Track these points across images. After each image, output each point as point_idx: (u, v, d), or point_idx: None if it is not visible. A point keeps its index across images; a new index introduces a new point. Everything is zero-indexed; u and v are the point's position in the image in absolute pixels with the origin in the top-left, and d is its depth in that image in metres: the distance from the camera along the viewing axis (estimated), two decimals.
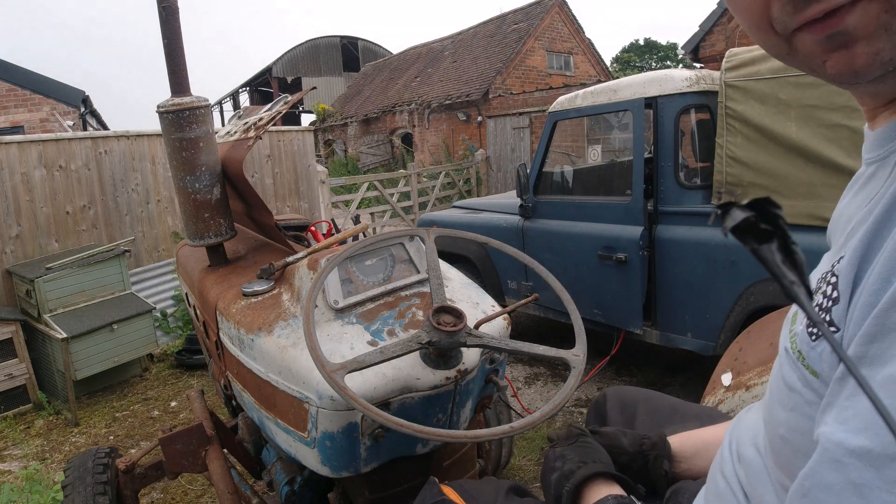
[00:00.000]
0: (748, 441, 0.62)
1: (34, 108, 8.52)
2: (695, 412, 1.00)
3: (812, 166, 2.38)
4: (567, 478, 0.78)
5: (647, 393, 1.10)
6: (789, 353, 0.52)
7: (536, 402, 3.40)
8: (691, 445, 0.86)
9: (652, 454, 0.84)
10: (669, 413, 1.00)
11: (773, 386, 0.55)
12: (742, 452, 0.62)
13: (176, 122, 1.66)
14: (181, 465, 1.77)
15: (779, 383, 0.53)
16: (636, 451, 0.85)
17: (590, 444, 0.84)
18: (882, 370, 0.38)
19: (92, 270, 3.89)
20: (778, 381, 0.53)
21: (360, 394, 1.12)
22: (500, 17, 16.60)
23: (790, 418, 0.50)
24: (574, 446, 0.83)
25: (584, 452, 0.82)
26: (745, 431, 0.64)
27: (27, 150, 4.12)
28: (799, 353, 0.50)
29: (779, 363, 0.54)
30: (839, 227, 0.56)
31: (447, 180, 10.89)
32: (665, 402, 1.05)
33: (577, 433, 0.86)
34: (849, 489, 0.38)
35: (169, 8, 1.60)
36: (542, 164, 3.58)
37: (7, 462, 3.09)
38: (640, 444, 0.85)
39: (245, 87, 28.42)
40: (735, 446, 0.65)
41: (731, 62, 2.60)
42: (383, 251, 1.50)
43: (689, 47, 8.08)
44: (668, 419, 0.97)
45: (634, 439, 0.86)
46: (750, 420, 0.66)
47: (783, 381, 0.52)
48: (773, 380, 0.56)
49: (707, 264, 2.76)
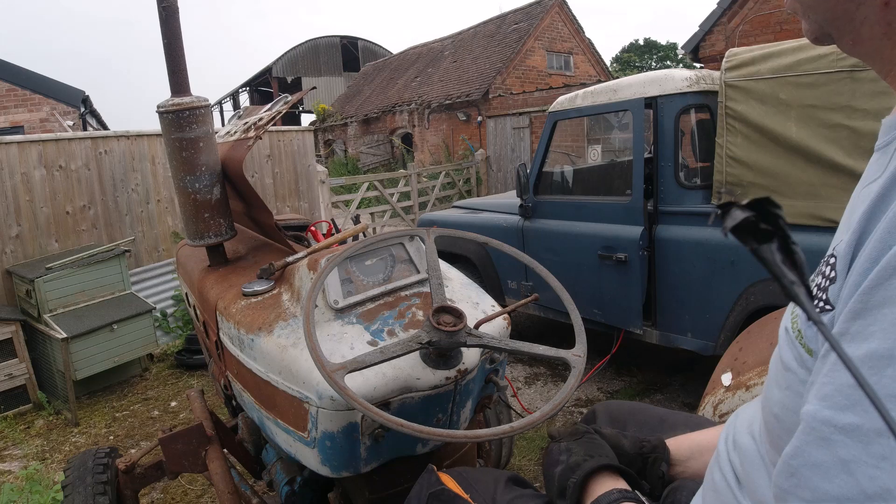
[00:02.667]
0: (744, 430, 0.63)
1: (34, 108, 8.52)
2: (683, 420, 1.01)
3: (812, 166, 2.38)
4: (573, 470, 0.78)
5: (635, 405, 1.10)
6: (789, 333, 0.52)
7: (536, 402, 3.40)
8: (687, 448, 0.86)
9: (651, 457, 0.85)
10: (658, 423, 1.01)
11: (771, 368, 0.56)
12: (738, 440, 0.63)
13: (176, 122, 1.66)
14: (181, 465, 1.77)
15: (776, 364, 0.54)
16: (636, 454, 0.85)
17: (595, 439, 0.84)
18: (863, 346, 0.39)
19: (92, 270, 3.89)
20: (776, 362, 0.54)
21: (360, 394, 1.12)
22: (500, 17, 16.59)
23: (784, 397, 0.51)
24: (580, 441, 0.84)
25: (590, 447, 0.82)
26: (742, 422, 0.65)
27: (27, 150, 4.12)
28: (798, 332, 0.50)
29: (778, 345, 0.55)
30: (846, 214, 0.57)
31: (447, 180, 10.89)
32: (653, 413, 1.06)
33: (583, 430, 0.87)
34: (837, 466, 0.39)
35: (169, 8, 1.60)
36: (542, 164, 3.58)
37: (7, 462, 3.09)
38: (640, 446, 0.86)
39: (245, 87, 28.42)
40: (731, 437, 0.66)
41: (731, 62, 2.60)
42: (383, 251, 1.50)
43: (689, 47, 8.07)
44: (657, 429, 0.97)
45: (635, 442, 0.87)
46: (748, 411, 0.67)
47: (780, 361, 0.53)
48: (772, 362, 0.56)
49: (707, 264, 2.76)
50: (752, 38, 7.17)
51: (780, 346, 0.54)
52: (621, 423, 1.03)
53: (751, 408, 0.67)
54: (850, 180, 2.28)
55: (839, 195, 2.33)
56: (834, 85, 2.28)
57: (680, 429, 0.94)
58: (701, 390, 2.21)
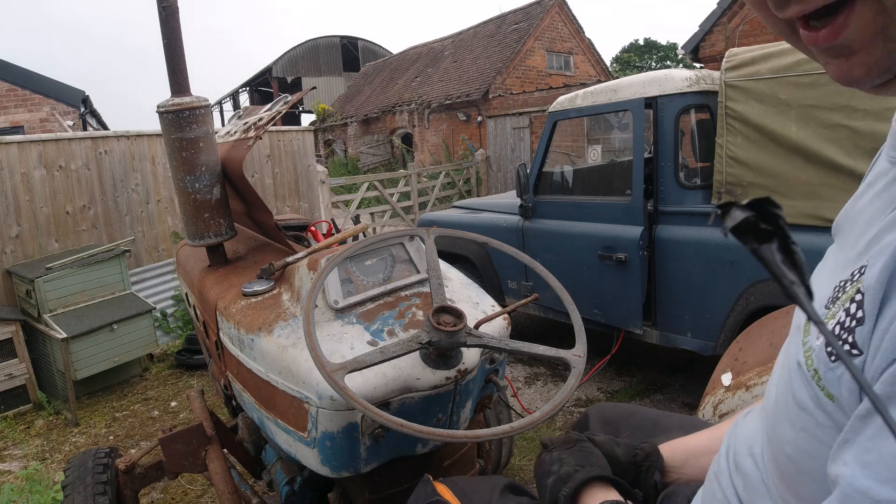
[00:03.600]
0: (744, 451, 0.61)
1: (34, 108, 8.52)
2: (677, 422, 1.00)
3: (812, 166, 2.38)
4: (564, 481, 0.77)
5: (628, 408, 1.09)
6: (803, 369, 0.48)
7: (536, 402, 3.40)
8: (681, 454, 0.85)
9: (645, 465, 0.84)
10: (652, 426, 1.00)
11: (780, 400, 0.52)
12: (739, 462, 0.61)
13: (176, 122, 1.66)
14: (181, 465, 1.77)
15: (787, 399, 0.50)
16: (629, 462, 0.84)
17: (587, 448, 0.83)
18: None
19: (92, 270, 3.89)
20: (786, 396, 0.50)
21: (360, 394, 1.12)
22: (500, 17, 16.59)
23: (798, 438, 0.48)
24: (572, 450, 0.83)
25: (582, 456, 0.81)
26: (742, 440, 0.63)
27: (27, 150, 4.12)
28: (815, 372, 0.46)
29: (788, 376, 0.51)
30: (857, 226, 0.52)
31: (447, 180, 10.89)
32: (647, 415, 1.05)
33: (575, 438, 0.86)
34: None
35: (169, 8, 1.60)
36: (542, 164, 3.58)
37: (7, 462, 3.09)
38: (633, 454, 0.85)
39: (245, 87, 28.41)
40: (732, 455, 0.63)
41: (731, 62, 2.60)
42: (383, 251, 1.51)
43: (689, 47, 8.08)
44: (650, 432, 0.96)
45: (628, 450, 0.86)
46: (747, 428, 0.64)
47: (793, 397, 0.49)
48: (779, 392, 0.53)
49: (707, 264, 2.76)
50: (752, 38, 7.17)
51: (791, 379, 0.50)
52: (614, 427, 1.02)
53: (749, 423, 0.65)
54: (850, 180, 2.28)
55: (839, 195, 2.32)
56: (834, 85, 2.27)
57: (674, 432, 0.93)
58: (701, 390, 2.21)
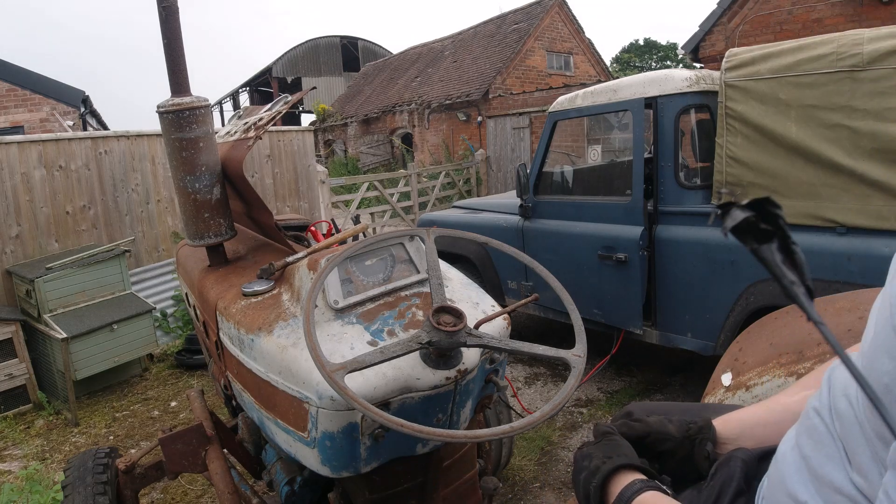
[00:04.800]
0: (839, 392, 0.62)
1: (34, 108, 8.52)
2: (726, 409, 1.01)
3: (812, 166, 2.38)
4: (593, 475, 0.79)
5: (670, 403, 1.11)
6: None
7: (536, 402, 3.40)
8: (735, 425, 0.86)
9: (698, 438, 0.84)
10: (700, 409, 1.01)
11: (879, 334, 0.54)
12: (835, 405, 0.62)
13: (176, 122, 1.66)
14: (181, 465, 1.77)
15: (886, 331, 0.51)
16: (683, 437, 0.85)
17: (614, 439, 0.85)
18: None
19: (92, 270, 3.89)
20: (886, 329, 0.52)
21: (360, 394, 1.11)
22: (500, 17, 16.59)
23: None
24: (599, 444, 0.84)
25: (608, 448, 0.82)
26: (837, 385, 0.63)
27: (27, 150, 4.12)
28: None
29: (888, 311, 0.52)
30: None
31: (447, 180, 10.89)
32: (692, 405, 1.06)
33: (603, 431, 0.87)
34: None
35: (169, 8, 1.60)
36: (542, 164, 3.58)
37: (7, 462, 3.09)
38: (686, 429, 0.86)
39: (245, 87, 28.41)
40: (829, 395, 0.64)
41: (731, 62, 2.60)
42: (383, 251, 1.50)
43: (689, 47, 8.07)
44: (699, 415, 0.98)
45: (681, 425, 0.86)
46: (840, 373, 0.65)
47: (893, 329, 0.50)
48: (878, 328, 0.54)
49: (707, 264, 2.76)
50: (752, 38, 7.17)
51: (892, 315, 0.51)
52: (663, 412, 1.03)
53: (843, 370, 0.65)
54: (850, 180, 2.28)
55: (839, 195, 2.33)
56: (834, 85, 2.28)
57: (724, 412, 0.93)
58: (701, 390, 2.21)
